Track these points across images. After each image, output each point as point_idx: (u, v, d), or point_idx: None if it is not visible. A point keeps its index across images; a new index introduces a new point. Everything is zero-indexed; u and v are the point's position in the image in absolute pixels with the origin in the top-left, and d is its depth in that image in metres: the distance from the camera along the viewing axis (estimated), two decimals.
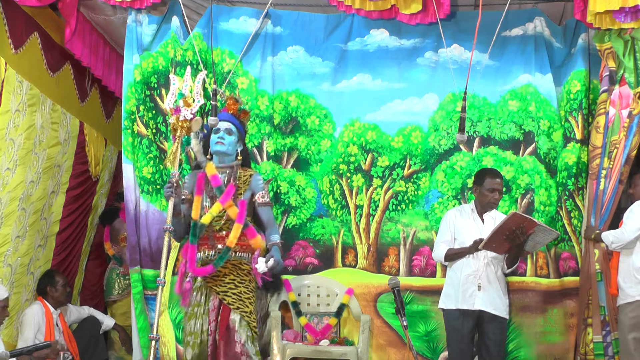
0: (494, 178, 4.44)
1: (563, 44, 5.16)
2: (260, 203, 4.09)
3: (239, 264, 4.01)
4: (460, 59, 5.12)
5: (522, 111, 5.12)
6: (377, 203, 5.16)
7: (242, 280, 4.00)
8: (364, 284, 5.09)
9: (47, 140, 5.10)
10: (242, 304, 3.95)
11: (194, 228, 3.98)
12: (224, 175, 4.08)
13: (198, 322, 3.98)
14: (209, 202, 4.05)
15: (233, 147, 4.12)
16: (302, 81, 5.21)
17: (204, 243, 4.02)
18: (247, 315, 3.93)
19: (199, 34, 5.06)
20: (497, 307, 4.38)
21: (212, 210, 3.98)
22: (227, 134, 4.11)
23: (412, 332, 4.87)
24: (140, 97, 5.06)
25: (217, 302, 3.98)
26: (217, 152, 4.10)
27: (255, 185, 4.11)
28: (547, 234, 4.26)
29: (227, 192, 3.99)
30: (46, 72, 5.08)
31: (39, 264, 5.22)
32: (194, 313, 4.00)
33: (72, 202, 5.61)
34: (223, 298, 3.95)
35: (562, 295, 4.97)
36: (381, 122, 5.18)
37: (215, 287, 3.98)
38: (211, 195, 4.04)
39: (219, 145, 4.07)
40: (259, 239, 4.02)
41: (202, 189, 4.06)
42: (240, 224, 3.94)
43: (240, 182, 4.09)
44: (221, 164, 4.11)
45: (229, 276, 3.99)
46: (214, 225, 4.02)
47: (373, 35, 5.21)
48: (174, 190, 3.95)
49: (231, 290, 3.96)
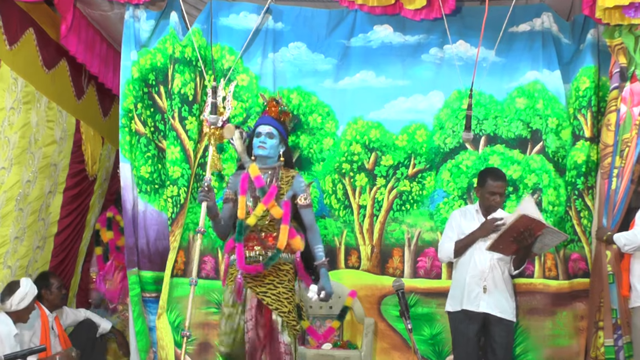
0: (496, 181, 4.43)
1: (571, 40, 5.14)
2: (302, 205, 4.26)
3: (278, 264, 4.16)
4: (466, 56, 5.11)
5: (530, 109, 5.09)
6: (380, 203, 5.16)
7: (282, 280, 4.16)
8: (367, 286, 5.09)
9: (42, 138, 5.11)
10: (281, 304, 4.10)
11: (239, 227, 4.15)
12: (267, 177, 4.24)
13: (234, 323, 4.14)
14: (252, 202, 4.22)
15: (275, 150, 4.29)
16: (303, 78, 5.20)
17: (246, 244, 4.17)
18: (285, 315, 4.09)
19: (199, 30, 5.07)
20: (504, 309, 4.38)
21: (256, 212, 4.15)
22: (269, 137, 4.28)
23: (416, 336, 4.89)
24: (138, 94, 5.08)
25: (255, 302, 4.13)
26: (259, 156, 4.27)
27: (297, 186, 4.28)
28: (555, 236, 4.26)
29: (270, 193, 4.15)
30: (41, 69, 5.10)
31: (37, 266, 5.24)
32: (231, 314, 4.15)
33: (69, 202, 5.64)
34: (262, 298, 4.11)
35: (572, 297, 4.95)
36: (385, 120, 5.17)
37: (255, 288, 4.13)
38: (254, 195, 4.20)
39: (260, 149, 4.25)
40: (298, 239, 4.20)
41: (246, 189, 4.22)
42: (286, 225, 4.13)
43: (283, 183, 4.25)
44: (264, 166, 4.28)
45: (269, 277, 4.14)
46: (258, 225, 4.17)
47: (376, 32, 5.20)
48: (206, 194, 4.10)
49: (270, 290, 4.12)
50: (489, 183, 4.43)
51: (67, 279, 5.70)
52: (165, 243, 5.08)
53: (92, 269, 6.13)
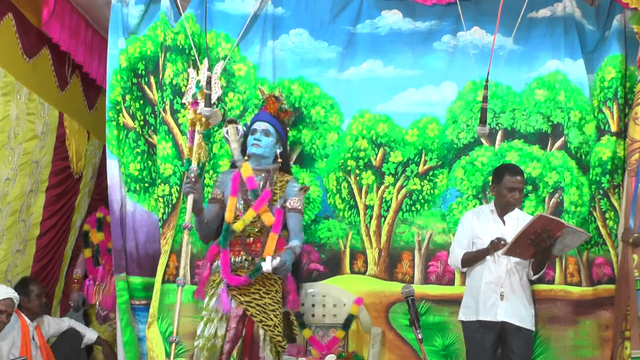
0: (514, 175, 4.41)
1: (596, 27, 5.13)
2: (291, 208, 4.23)
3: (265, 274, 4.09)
4: (482, 44, 5.11)
5: (550, 101, 5.07)
6: (389, 203, 5.13)
7: (268, 291, 4.11)
8: (374, 293, 5.04)
9: (23, 133, 5.07)
10: (266, 316, 4.06)
11: (225, 232, 4.10)
12: (260, 179, 4.22)
13: (212, 327, 4.06)
14: (242, 204, 4.19)
15: (270, 150, 4.28)
16: (305, 68, 5.19)
17: (231, 249, 4.14)
18: (270, 329, 4.04)
19: (192, 16, 5.06)
20: (522, 318, 4.35)
21: (246, 217, 4.13)
22: (265, 135, 4.27)
23: (427, 346, 4.81)
24: (127, 85, 5.07)
25: (240, 311, 4.07)
26: (253, 155, 4.24)
27: (290, 191, 4.26)
28: (576, 236, 4.21)
29: (262, 198, 4.13)
30: (22, 58, 5.06)
31: (18, 271, 5.21)
32: (211, 319, 4.08)
33: (53, 202, 5.62)
34: (246, 308, 4.05)
35: (596, 305, 4.92)
36: (393, 114, 5.15)
37: (240, 297, 4.07)
38: (245, 198, 4.17)
39: (255, 147, 4.22)
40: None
41: (237, 190, 4.18)
42: (276, 233, 4.10)
43: (276, 188, 4.23)
44: (258, 167, 4.25)
45: (255, 285, 4.09)
46: (246, 231, 4.13)
47: (385, 17, 5.20)
48: (193, 185, 4.02)
49: (255, 300, 4.07)
50: (507, 178, 4.41)
51: (50, 285, 5.69)
52: (155, 246, 5.06)
53: (76, 271, 6.13)
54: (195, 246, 4.96)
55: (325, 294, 5.03)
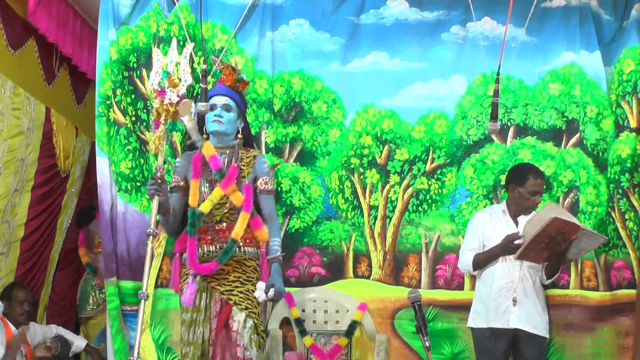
0: (538, 178, 4.38)
1: (613, 17, 5.14)
2: (263, 190, 4.11)
3: (243, 260, 4.05)
4: (492, 35, 5.11)
5: (565, 95, 5.08)
6: (394, 203, 5.13)
7: (249, 277, 4.01)
8: (379, 298, 5.05)
9: (7, 129, 5.05)
10: (251, 303, 3.96)
11: (192, 217, 3.96)
12: (224, 157, 4.10)
13: (198, 330, 3.98)
14: (207, 187, 4.06)
15: (233, 125, 4.14)
16: (306, 60, 5.18)
17: (202, 237, 4.02)
18: (255, 318, 3.94)
19: (186, 5, 5.05)
20: (536, 324, 4.34)
21: (212, 197, 3.98)
22: (225, 110, 4.12)
23: (435, 355, 4.83)
24: (117, 79, 5.05)
25: (219, 307, 3.98)
26: (215, 133, 4.09)
27: (259, 168, 4.12)
28: (592, 239, 4.20)
29: (229, 176, 3.99)
30: (6, 50, 5.04)
31: (1, 275, 5.18)
32: (193, 320, 3.99)
33: (38, 202, 5.60)
34: (229, 298, 3.95)
35: (615, 311, 4.92)
36: (399, 109, 5.15)
37: (219, 287, 3.98)
38: (210, 179, 4.05)
39: (216, 124, 4.09)
40: (265, 230, 4.04)
41: (200, 172, 4.06)
42: (247, 212, 3.97)
43: (243, 164, 4.11)
44: (220, 144, 4.12)
45: (233, 274, 3.99)
46: (215, 215, 4.01)
47: (390, 7, 5.20)
48: (159, 187, 3.87)
49: (237, 288, 3.97)
50: (531, 181, 4.37)
51: (35, 290, 5.68)
52: None
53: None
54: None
55: (327, 299, 5.03)
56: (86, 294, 5.97)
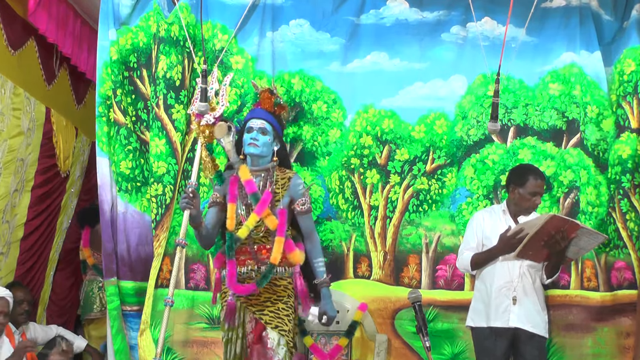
0: (538, 179, 4.37)
1: (614, 17, 5.12)
2: (300, 211, 4.19)
3: (273, 280, 4.10)
4: (493, 35, 5.10)
5: (565, 96, 5.07)
6: (394, 203, 5.12)
7: (280, 296, 4.11)
8: (379, 298, 5.05)
9: (8, 129, 5.06)
10: (281, 321, 4.06)
11: (229, 240, 4.07)
12: (259, 180, 4.17)
13: (234, 348, 4.08)
14: (244, 210, 4.14)
15: (268, 148, 4.20)
16: (307, 61, 5.17)
17: (237, 258, 4.12)
18: (286, 335, 4.04)
19: (186, 5, 5.05)
20: (536, 324, 4.33)
21: (249, 223, 4.06)
22: (262, 133, 4.18)
23: (436, 355, 4.81)
24: (117, 79, 5.06)
25: (253, 324, 4.11)
26: (251, 155, 4.18)
27: (294, 190, 4.19)
28: (592, 238, 4.19)
29: (264, 201, 4.07)
30: (6, 50, 5.06)
31: (1, 275, 5.19)
32: (230, 338, 4.10)
33: (38, 202, 5.60)
34: (260, 317, 4.07)
35: (615, 311, 4.91)
36: (399, 109, 5.14)
37: (251, 307, 4.10)
38: (246, 202, 4.12)
39: (252, 147, 4.14)
40: (297, 253, 4.13)
41: (236, 194, 4.14)
42: (281, 237, 4.06)
43: (278, 187, 4.17)
44: (255, 167, 4.20)
45: (264, 294, 4.09)
46: (250, 237, 4.10)
47: (390, 7, 5.18)
48: (190, 200, 3.96)
49: (268, 308, 4.08)
50: (531, 182, 4.35)
51: (35, 290, 5.69)
52: (148, 249, 5.05)
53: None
54: (190, 249, 4.97)
55: None
56: (92, 296, 5.97)
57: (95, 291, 5.95)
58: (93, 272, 5.99)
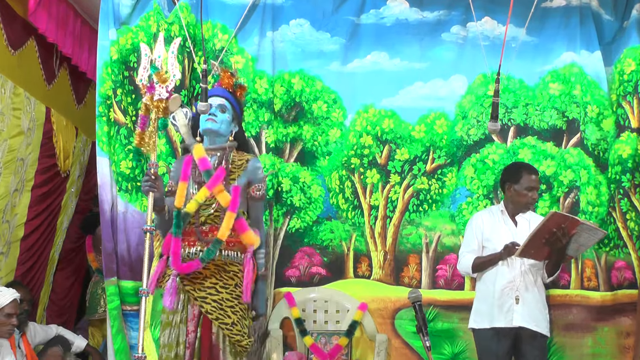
0: (532, 174, 4.39)
1: (614, 16, 5.15)
2: (254, 197, 4.04)
3: (223, 264, 3.94)
4: (493, 35, 5.12)
5: (566, 95, 5.09)
6: (395, 203, 5.14)
7: (226, 284, 3.91)
8: (379, 298, 5.05)
9: (8, 129, 5.02)
10: (223, 313, 3.85)
11: (177, 218, 3.89)
12: (215, 159, 4.04)
13: (173, 333, 3.92)
14: (196, 188, 3.99)
15: (227, 127, 4.09)
16: (307, 60, 5.18)
17: (186, 239, 3.94)
18: (227, 328, 3.83)
19: (187, 5, 5.04)
20: (538, 322, 4.34)
21: (198, 197, 3.90)
22: (220, 110, 4.08)
23: (436, 355, 4.83)
24: (118, 78, 5.04)
25: (196, 310, 3.92)
26: (208, 131, 4.05)
27: (254, 172, 4.06)
28: (592, 234, 4.19)
29: (216, 176, 3.90)
30: (6, 50, 5.01)
31: (1, 275, 5.14)
32: (169, 322, 3.94)
33: (38, 202, 5.56)
34: (201, 305, 3.87)
35: (615, 311, 4.93)
36: (400, 109, 5.15)
37: (193, 292, 3.90)
38: (199, 181, 3.99)
39: (210, 122, 4.02)
40: (250, 234, 3.93)
41: (188, 174, 4.00)
42: (233, 212, 3.86)
43: (234, 167, 4.05)
44: (212, 145, 4.07)
45: (211, 279, 3.91)
46: (200, 216, 3.95)
47: (390, 7, 5.20)
48: (153, 183, 3.84)
49: (211, 296, 3.88)
50: (525, 177, 4.38)
51: (35, 290, 5.65)
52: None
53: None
54: None
55: (328, 299, 5.04)
56: (97, 297, 5.95)
57: (99, 292, 5.93)
58: (97, 276, 5.98)
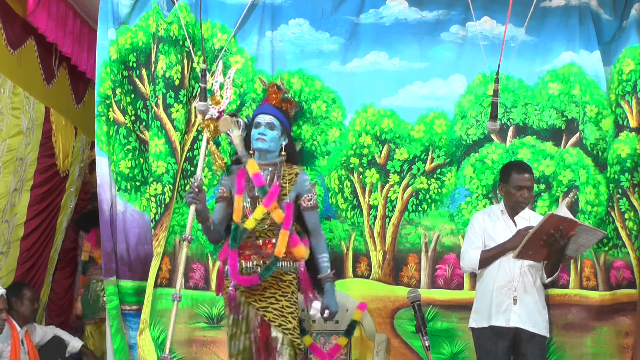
0: (522, 173, 4.41)
1: (613, 16, 5.12)
2: (306, 207, 4.32)
3: (279, 275, 4.18)
4: (492, 34, 5.10)
5: (565, 95, 5.06)
6: (394, 203, 5.12)
7: (284, 293, 4.18)
8: (378, 298, 5.05)
9: (7, 129, 5.07)
10: (285, 320, 4.12)
11: (234, 232, 4.12)
12: (267, 174, 4.24)
13: (240, 343, 4.17)
14: (249, 203, 4.21)
15: (276, 143, 4.31)
16: (306, 60, 5.16)
17: (241, 252, 4.18)
18: (289, 332, 4.10)
19: (186, 5, 5.05)
20: (536, 323, 4.34)
21: (255, 214, 4.14)
22: (269, 128, 4.28)
23: (435, 354, 4.83)
24: (117, 78, 5.06)
25: (258, 319, 4.16)
26: (259, 150, 4.26)
27: (301, 185, 4.30)
28: (591, 235, 4.20)
29: (271, 193, 4.14)
30: (6, 49, 5.06)
31: (1, 275, 5.20)
32: (234, 334, 4.19)
33: (38, 201, 5.61)
34: (264, 314, 4.13)
35: (614, 310, 4.92)
36: (399, 108, 5.13)
37: (255, 303, 4.16)
38: (252, 195, 4.19)
39: (260, 142, 4.23)
40: (302, 247, 4.21)
41: (243, 187, 4.20)
42: (286, 230, 4.12)
43: (285, 181, 4.24)
44: (263, 162, 4.29)
45: (269, 290, 4.16)
46: (256, 230, 4.16)
47: (390, 6, 5.18)
48: (195, 195, 4.04)
49: (272, 305, 4.14)
50: (514, 176, 4.41)
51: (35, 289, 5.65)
52: (147, 248, 5.05)
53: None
54: (190, 249, 4.94)
55: None
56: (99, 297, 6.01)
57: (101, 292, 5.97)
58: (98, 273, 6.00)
